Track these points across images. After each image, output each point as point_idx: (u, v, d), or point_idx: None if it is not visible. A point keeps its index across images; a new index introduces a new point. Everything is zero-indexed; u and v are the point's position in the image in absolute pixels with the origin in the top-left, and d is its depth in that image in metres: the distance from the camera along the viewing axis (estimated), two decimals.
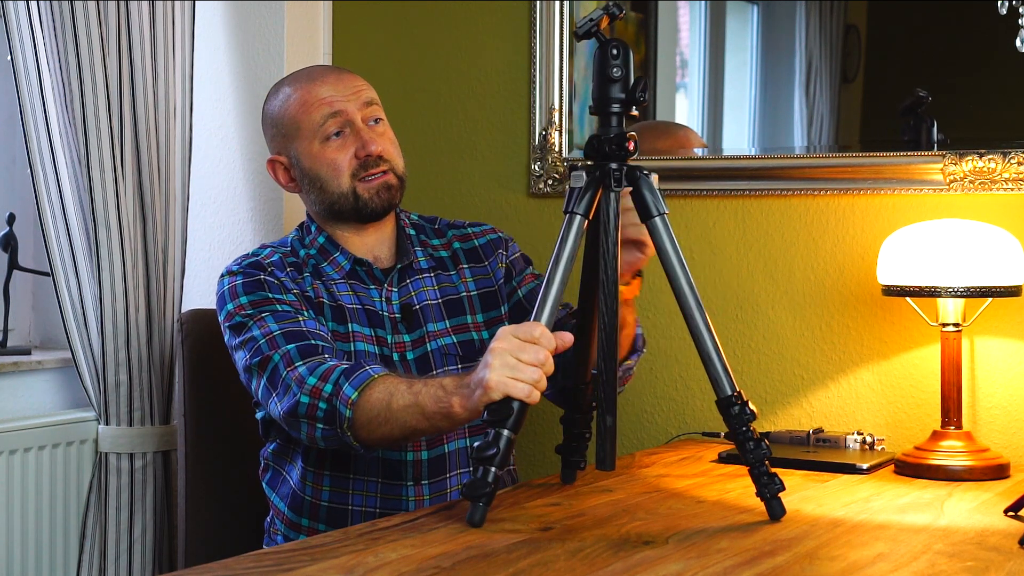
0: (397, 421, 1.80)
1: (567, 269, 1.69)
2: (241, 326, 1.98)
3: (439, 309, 2.09)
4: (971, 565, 1.49)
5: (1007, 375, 2.27)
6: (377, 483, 2.02)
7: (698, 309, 1.70)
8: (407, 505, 2.01)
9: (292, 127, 2.09)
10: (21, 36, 2.39)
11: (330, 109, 2.06)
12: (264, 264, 2.05)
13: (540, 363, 1.65)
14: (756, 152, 2.55)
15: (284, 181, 2.13)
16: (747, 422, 1.67)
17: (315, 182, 2.08)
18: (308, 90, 2.08)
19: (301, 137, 2.08)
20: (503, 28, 2.69)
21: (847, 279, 2.40)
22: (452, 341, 2.08)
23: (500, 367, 1.65)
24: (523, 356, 1.65)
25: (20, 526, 2.43)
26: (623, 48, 1.72)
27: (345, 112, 2.06)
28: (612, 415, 1.71)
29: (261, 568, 1.44)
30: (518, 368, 1.65)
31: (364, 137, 2.06)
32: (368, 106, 2.09)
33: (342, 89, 2.08)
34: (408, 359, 2.04)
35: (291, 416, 1.88)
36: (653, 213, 1.72)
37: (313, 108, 2.06)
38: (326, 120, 2.06)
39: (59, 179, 2.44)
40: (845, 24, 2.50)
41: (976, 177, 2.26)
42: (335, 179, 2.06)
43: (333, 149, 2.06)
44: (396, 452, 2.01)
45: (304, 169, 2.09)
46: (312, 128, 2.06)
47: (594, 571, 1.44)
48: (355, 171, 2.05)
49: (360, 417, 1.82)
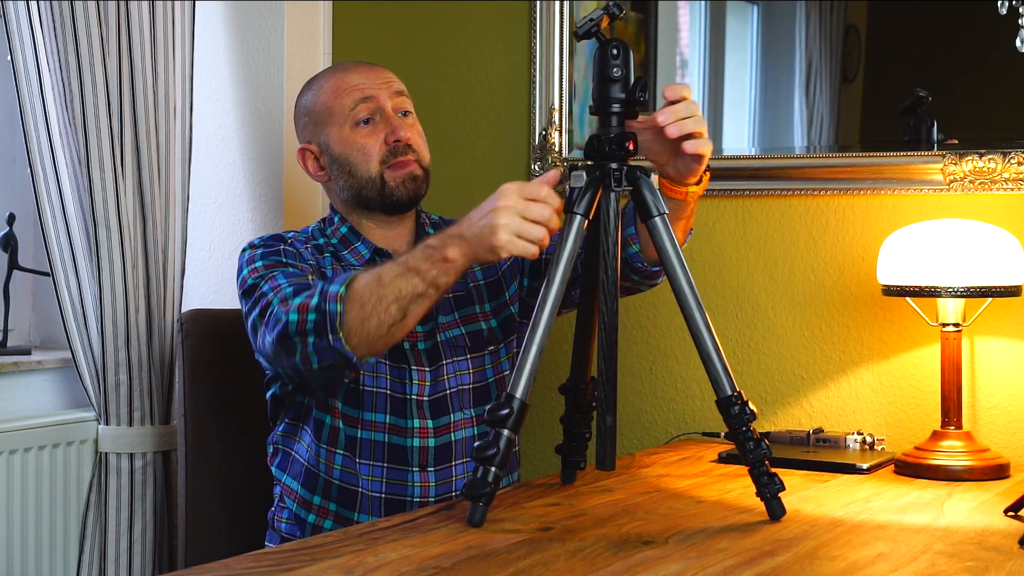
0: (391, 293, 1.80)
1: (567, 269, 1.69)
2: (253, 287, 1.99)
3: (450, 302, 2.12)
4: (971, 565, 1.49)
5: (1007, 375, 2.27)
6: (383, 468, 2.03)
7: (698, 309, 1.70)
8: (412, 491, 2.02)
9: (324, 113, 2.13)
10: (21, 36, 2.38)
11: (361, 94, 2.11)
12: (285, 238, 2.10)
13: (546, 221, 1.71)
14: (756, 152, 2.55)
15: (313, 170, 2.16)
16: (747, 422, 1.67)
17: (344, 167, 2.11)
18: (340, 78, 2.14)
19: (332, 123, 2.12)
20: (503, 28, 2.69)
21: (847, 279, 2.40)
22: (461, 332, 2.11)
23: (507, 225, 1.70)
24: (529, 214, 1.71)
25: (20, 526, 2.43)
26: (623, 48, 1.72)
27: (376, 99, 2.11)
28: (612, 415, 1.71)
29: (261, 568, 1.44)
30: (524, 227, 1.70)
31: (394, 123, 2.10)
32: (398, 96, 2.14)
33: (374, 78, 2.14)
34: (419, 348, 2.07)
35: (282, 339, 1.86)
36: (653, 213, 1.72)
37: (345, 94, 2.11)
38: (357, 105, 2.10)
39: (59, 179, 2.44)
40: (845, 24, 2.50)
41: (976, 177, 2.27)
42: (364, 163, 2.09)
43: (363, 134, 2.10)
44: (401, 437, 2.03)
45: (334, 155, 2.12)
46: (343, 113, 2.11)
47: (594, 571, 1.44)
48: (384, 157, 2.09)
49: (351, 309, 1.81)
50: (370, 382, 2.03)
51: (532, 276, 2.16)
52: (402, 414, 2.04)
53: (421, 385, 2.05)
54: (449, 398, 2.07)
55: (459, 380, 2.09)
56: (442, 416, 2.06)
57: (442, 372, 2.07)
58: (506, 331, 2.15)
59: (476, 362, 2.11)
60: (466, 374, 2.10)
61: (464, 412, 2.08)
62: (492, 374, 2.12)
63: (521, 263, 2.17)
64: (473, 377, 2.10)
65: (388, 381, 2.04)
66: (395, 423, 2.03)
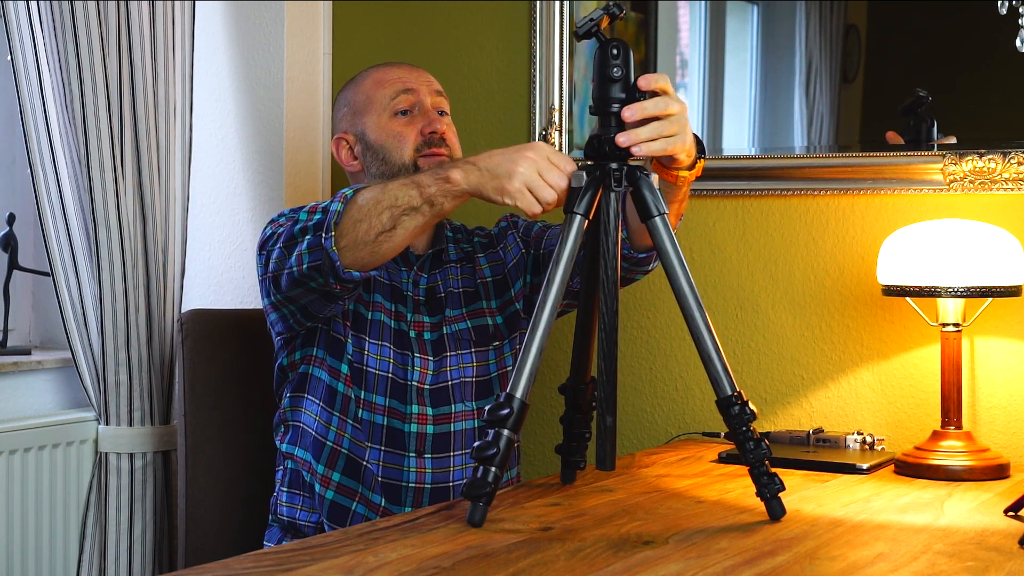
0: (387, 200, 1.84)
1: (567, 269, 1.69)
2: (271, 236, 2.02)
3: (459, 297, 2.15)
4: (971, 565, 1.49)
5: (1007, 375, 2.27)
6: (380, 451, 2.05)
7: (698, 309, 1.70)
8: (408, 476, 2.05)
9: (364, 102, 2.18)
10: (21, 36, 2.39)
11: (403, 86, 2.17)
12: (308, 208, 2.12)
13: (558, 188, 1.74)
14: (756, 152, 2.55)
15: (346, 159, 2.21)
16: (747, 422, 1.67)
17: (379, 153, 2.15)
18: (384, 71, 2.21)
19: (371, 111, 2.17)
20: (503, 28, 2.69)
21: (847, 279, 2.40)
22: (467, 326, 2.14)
23: (524, 174, 1.74)
24: (548, 175, 1.75)
25: (20, 526, 2.43)
26: (623, 48, 1.72)
27: (417, 92, 2.17)
28: (612, 415, 1.71)
29: (261, 568, 1.44)
30: (538, 183, 1.75)
31: (431, 116, 2.16)
32: (438, 96, 2.21)
33: (416, 75, 2.21)
34: (425, 338, 2.11)
35: (289, 239, 1.92)
36: (653, 213, 1.71)
37: (387, 84, 2.18)
38: (397, 95, 2.16)
39: (59, 179, 2.44)
40: (845, 24, 2.50)
41: (976, 177, 2.27)
42: (399, 150, 2.14)
43: (401, 123, 2.15)
44: (400, 422, 2.05)
45: (369, 142, 2.16)
46: (383, 102, 2.16)
47: (594, 571, 1.44)
48: (419, 146, 2.14)
49: (349, 210, 1.86)
50: (373, 363, 2.06)
51: (534, 273, 2.18)
52: (402, 399, 2.06)
53: (423, 373, 2.08)
54: (451, 389, 2.09)
55: (462, 372, 2.11)
56: (443, 405, 2.08)
57: (445, 363, 2.10)
58: (510, 327, 2.18)
59: (480, 356, 2.14)
60: (469, 367, 2.12)
61: (466, 404, 2.10)
62: (495, 369, 2.15)
63: (526, 260, 2.17)
64: (476, 371, 2.13)
65: (391, 365, 2.07)
66: (394, 407, 2.06)
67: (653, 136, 1.71)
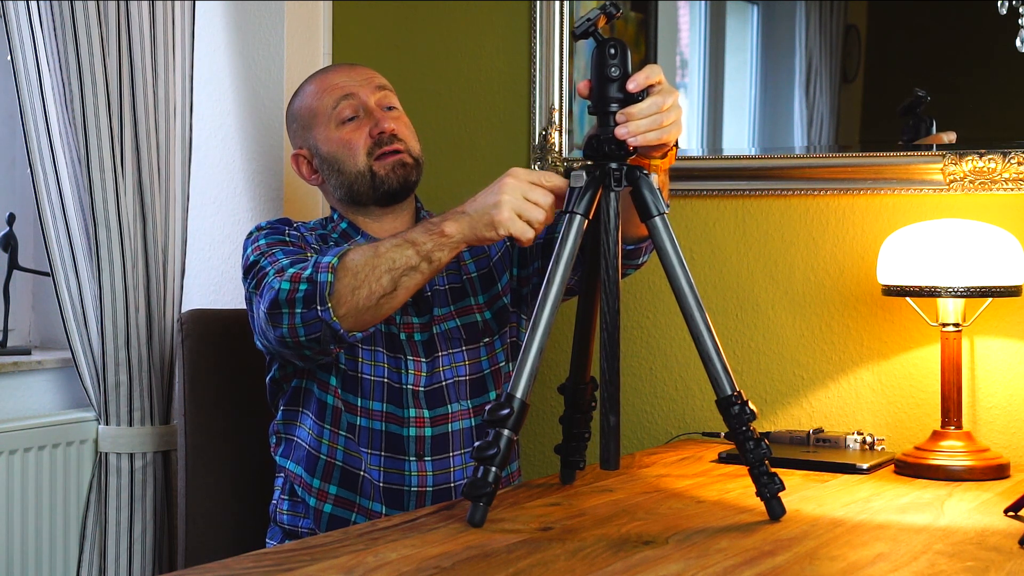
0: (384, 264, 1.84)
1: (567, 269, 1.69)
2: (254, 264, 2.01)
3: (446, 295, 2.14)
4: (971, 565, 1.49)
5: (1007, 375, 2.27)
6: (380, 456, 2.04)
7: (698, 309, 1.70)
8: (410, 480, 2.04)
9: (310, 116, 2.17)
10: (21, 36, 2.38)
11: (343, 92, 2.15)
12: (291, 222, 2.14)
13: (545, 205, 1.80)
14: (756, 152, 2.55)
15: (307, 175, 2.20)
16: (747, 422, 1.67)
17: (333, 165, 2.14)
18: (322, 80, 2.19)
19: (318, 124, 2.16)
20: (503, 28, 2.69)
21: (847, 279, 2.40)
22: (456, 324, 2.13)
23: (510, 202, 1.78)
24: (532, 195, 1.79)
25: (20, 526, 2.43)
26: (620, 47, 1.72)
27: (358, 95, 2.15)
28: (615, 415, 1.71)
29: (261, 568, 1.44)
30: (525, 207, 1.79)
31: (377, 116, 2.14)
32: (380, 91, 2.18)
33: (354, 76, 2.18)
34: (415, 340, 2.09)
35: (272, 307, 1.89)
36: (653, 213, 1.71)
37: (327, 93, 2.16)
38: (339, 103, 2.14)
39: (59, 179, 2.44)
40: (845, 24, 2.50)
41: (976, 177, 2.27)
42: (351, 159, 2.12)
43: (348, 131, 2.14)
44: (398, 426, 2.04)
45: (323, 155, 2.15)
46: (327, 113, 2.15)
47: (594, 571, 1.44)
48: (370, 149, 2.12)
49: (343, 278, 1.85)
50: (368, 370, 2.05)
51: (521, 265, 2.18)
52: (399, 403, 2.05)
53: (417, 375, 2.07)
54: (446, 389, 2.08)
55: (455, 372, 2.10)
56: (439, 407, 2.08)
57: (438, 364, 2.09)
58: (500, 322, 2.16)
59: (472, 354, 2.13)
60: (462, 366, 2.11)
61: (461, 403, 2.10)
62: (488, 366, 2.14)
63: (511, 253, 2.17)
64: (469, 369, 2.12)
65: (386, 370, 2.06)
66: (392, 412, 2.05)
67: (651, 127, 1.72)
